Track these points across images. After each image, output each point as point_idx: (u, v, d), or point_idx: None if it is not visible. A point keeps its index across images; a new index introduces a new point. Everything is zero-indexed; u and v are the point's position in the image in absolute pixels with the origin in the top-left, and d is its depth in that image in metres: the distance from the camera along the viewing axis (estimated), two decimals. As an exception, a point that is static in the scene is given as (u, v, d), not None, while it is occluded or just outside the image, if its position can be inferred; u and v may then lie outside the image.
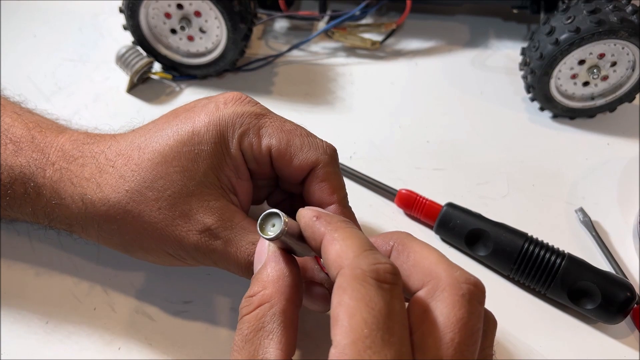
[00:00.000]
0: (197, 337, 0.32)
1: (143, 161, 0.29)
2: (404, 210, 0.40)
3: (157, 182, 0.29)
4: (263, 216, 0.25)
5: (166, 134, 0.30)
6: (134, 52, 0.47)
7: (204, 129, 0.29)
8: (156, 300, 0.34)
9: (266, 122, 0.30)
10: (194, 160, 0.29)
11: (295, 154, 0.30)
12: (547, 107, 0.47)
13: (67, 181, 0.30)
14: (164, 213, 0.29)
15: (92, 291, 0.34)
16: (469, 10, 0.58)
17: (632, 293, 0.33)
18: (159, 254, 0.30)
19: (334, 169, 0.30)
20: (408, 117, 0.47)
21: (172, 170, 0.29)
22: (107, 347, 0.32)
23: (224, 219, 0.29)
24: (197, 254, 0.29)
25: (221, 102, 0.31)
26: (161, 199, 0.29)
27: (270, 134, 0.30)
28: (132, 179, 0.29)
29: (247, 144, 0.30)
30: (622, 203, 0.41)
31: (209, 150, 0.29)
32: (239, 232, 0.29)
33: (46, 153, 0.31)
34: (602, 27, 0.40)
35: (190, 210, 0.29)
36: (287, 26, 0.56)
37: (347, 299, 0.20)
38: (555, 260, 0.34)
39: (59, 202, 0.30)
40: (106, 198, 0.29)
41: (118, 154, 0.30)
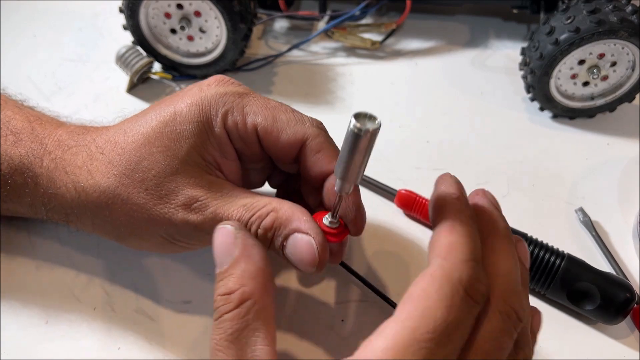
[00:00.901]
0: (197, 337, 0.32)
1: (128, 144, 0.30)
2: (404, 211, 0.40)
3: (142, 163, 0.29)
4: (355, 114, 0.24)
5: (150, 117, 0.30)
6: (134, 52, 0.47)
7: (186, 109, 0.30)
8: (156, 300, 0.34)
9: (250, 101, 0.30)
10: (176, 139, 0.29)
11: (282, 130, 0.29)
12: (547, 107, 0.47)
13: (62, 170, 0.31)
14: (151, 193, 0.29)
15: (92, 291, 0.34)
16: (469, 10, 0.58)
17: (632, 293, 0.33)
18: (151, 237, 0.30)
19: (327, 137, 0.30)
20: (408, 117, 0.47)
21: (155, 150, 0.29)
22: (107, 347, 0.32)
23: (212, 189, 0.29)
24: (188, 229, 0.29)
25: (204, 85, 0.31)
26: (147, 179, 0.29)
27: (255, 111, 0.30)
28: (119, 163, 0.29)
29: (232, 122, 0.30)
30: (622, 203, 0.41)
31: (192, 130, 0.29)
32: (229, 198, 0.29)
33: (44, 143, 0.32)
34: (602, 27, 0.40)
35: (176, 187, 0.29)
36: (287, 26, 0.56)
37: (433, 291, 0.21)
38: (554, 260, 0.34)
39: (55, 192, 0.31)
40: (97, 184, 0.29)
41: (107, 140, 0.31)
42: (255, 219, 0.28)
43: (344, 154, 0.25)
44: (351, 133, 0.24)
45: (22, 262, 0.35)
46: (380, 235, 0.38)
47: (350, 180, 0.26)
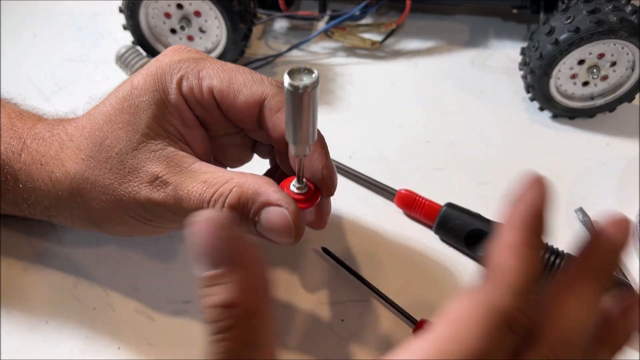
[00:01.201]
0: (197, 337, 0.32)
1: (92, 126, 0.29)
2: (404, 211, 0.40)
3: (105, 142, 0.29)
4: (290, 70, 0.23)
5: (111, 96, 0.30)
6: (134, 52, 0.47)
7: (142, 80, 0.29)
8: (156, 300, 0.34)
9: (206, 65, 0.29)
10: (134, 113, 0.28)
11: (239, 91, 0.28)
12: (546, 107, 0.47)
13: (37, 163, 0.30)
14: (115, 172, 0.28)
15: (91, 291, 0.34)
16: (469, 10, 0.58)
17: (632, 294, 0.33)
18: (123, 219, 0.29)
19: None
20: (408, 117, 0.47)
21: (116, 127, 0.29)
22: (107, 347, 0.32)
23: (172, 164, 0.28)
24: (153, 207, 0.28)
25: (161, 55, 0.31)
26: (110, 158, 0.28)
27: (210, 75, 0.29)
28: (85, 147, 0.29)
29: (187, 88, 0.29)
30: (622, 203, 0.41)
31: (149, 100, 0.29)
32: (189, 174, 0.28)
33: (22, 138, 0.31)
34: (602, 27, 0.40)
35: (138, 164, 0.28)
36: (286, 26, 0.56)
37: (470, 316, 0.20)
38: (554, 260, 0.34)
39: (33, 185, 0.31)
40: (67, 172, 0.29)
41: (75, 127, 0.30)
42: (218, 196, 0.26)
43: (288, 116, 0.24)
44: (288, 93, 0.23)
45: (21, 262, 0.35)
46: (380, 235, 0.38)
47: (303, 141, 0.24)
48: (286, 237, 0.26)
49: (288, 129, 0.24)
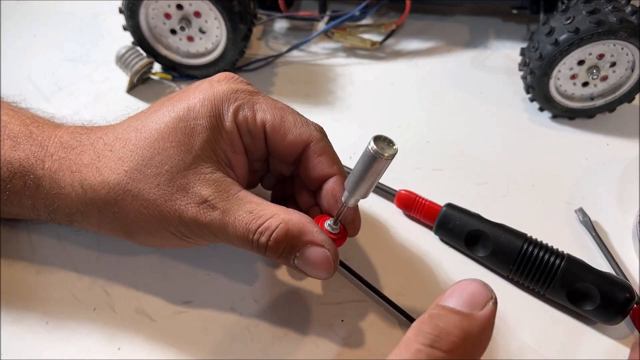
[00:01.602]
0: (197, 337, 0.33)
1: (140, 140, 0.30)
2: (404, 211, 0.40)
3: (155, 158, 0.29)
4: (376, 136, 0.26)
5: (162, 113, 0.31)
6: (134, 53, 0.47)
7: (199, 104, 0.30)
8: (156, 300, 0.34)
9: (259, 99, 0.31)
10: (190, 134, 0.30)
11: (289, 130, 0.31)
12: (546, 108, 0.47)
13: (66, 170, 0.31)
14: (163, 189, 0.29)
15: (92, 291, 0.34)
16: (469, 10, 0.58)
17: (631, 294, 0.33)
18: (160, 233, 0.30)
19: (328, 143, 0.32)
20: (408, 117, 0.47)
21: (169, 146, 0.29)
22: (107, 347, 0.32)
23: (220, 190, 0.29)
24: (196, 227, 0.29)
25: (215, 80, 0.32)
26: (159, 174, 0.29)
27: (264, 109, 0.31)
28: (131, 159, 0.30)
29: (242, 117, 0.31)
30: (622, 203, 0.41)
31: (205, 124, 0.30)
32: (236, 202, 0.29)
33: (44, 145, 0.32)
34: (602, 27, 0.40)
35: (187, 184, 0.29)
36: (287, 26, 0.56)
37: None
38: (554, 260, 0.34)
39: (59, 192, 0.31)
40: (106, 181, 0.30)
41: (116, 138, 0.31)
42: (265, 229, 0.28)
43: (359, 172, 0.27)
44: (369, 154, 0.26)
45: (22, 263, 0.35)
46: (380, 235, 0.38)
47: (358, 195, 0.28)
48: (324, 274, 0.29)
49: (351, 181, 0.28)
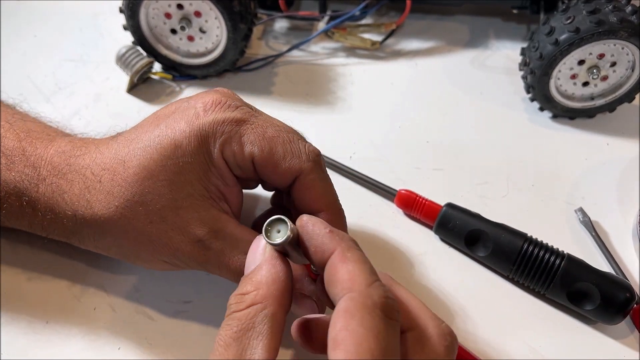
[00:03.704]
0: (197, 337, 0.33)
1: (129, 176, 0.29)
2: (404, 211, 0.40)
3: (146, 196, 0.29)
4: (269, 222, 0.25)
5: (149, 145, 0.29)
6: (134, 52, 0.47)
7: (185, 140, 0.29)
8: (156, 300, 0.34)
9: (247, 129, 0.30)
10: (179, 172, 0.29)
11: (277, 163, 0.30)
12: (546, 107, 0.47)
13: (59, 197, 0.30)
14: (156, 226, 0.29)
15: (92, 291, 0.34)
16: (469, 10, 0.58)
17: (632, 293, 0.33)
18: (154, 262, 0.31)
19: (319, 175, 0.30)
20: (408, 117, 0.47)
21: (160, 184, 0.29)
22: (107, 347, 0.32)
23: (215, 229, 0.29)
24: (190, 262, 0.30)
25: (200, 109, 0.30)
26: (152, 212, 0.29)
27: (252, 141, 0.30)
28: (120, 195, 0.29)
29: (229, 152, 0.30)
30: (622, 203, 0.41)
31: (193, 162, 0.29)
32: (231, 242, 0.29)
33: (37, 168, 0.31)
34: (602, 27, 0.40)
35: (181, 222, 0.29)
36: (287, 26, 0.56)
37: (355, 325, 0.21)
38: (554, 260, 0.34)
39: (54, 218, 0.31)
40: (96, 215, 0.29)
41: (103, 168, 0.30)
42: None
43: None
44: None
45: (21, 263, 0.35)
46: (380, 235, 0.38)
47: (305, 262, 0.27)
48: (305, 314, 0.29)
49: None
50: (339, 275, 0.23)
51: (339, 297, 0.22)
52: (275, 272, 0.25)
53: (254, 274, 0.25)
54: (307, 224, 0.25)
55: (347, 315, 0.21)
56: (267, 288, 0.24)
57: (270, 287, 0.24)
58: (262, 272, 0.25)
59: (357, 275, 0.23)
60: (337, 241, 0.24)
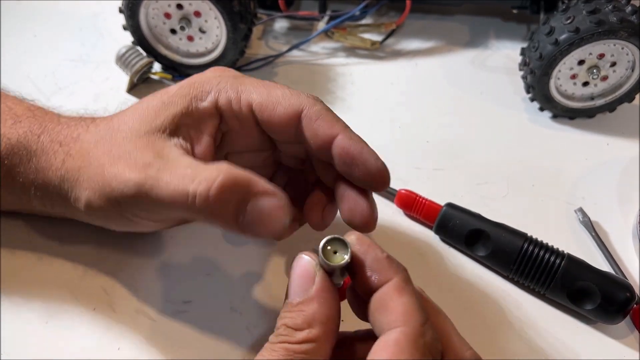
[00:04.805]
0: (197, 337, 0.32)
1: (117, 116, 0.31)
2: (404, 211, 0.40)
3: (119, 127, 0.30)
4: (327, 240, 0.25)
5: (145, 98, 0.31)
6: (134, 52, 0.47)
7: (176, 87, 0.31)
8: (156, 300, 0.34)
9: (244, 81, 0.30)
10: (157, 110, 0.29)
11: (278, 103, 0.29)
12: (546, 107, 0.47)
13: (56, 142, 0.31)
14: (112, 154, 0.29)
15: (92, 291, 0.34)
16: (469, 10, 0.58)
17: (632, 293, 0.33)
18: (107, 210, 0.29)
19: (324, 105, 0.30)
20: (408, 117, 0.47)
21: (134, 118, 0.30)
22: (107, 347, 0.32)
23: (162, 152, 0.28)
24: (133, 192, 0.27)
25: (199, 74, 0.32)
26: (115, 140, 0.29)
27: (249, 90, 0.30)
28: (103, 130, 0.31)
29: (225, 100, 0.30)
30: (622, 203, 0.41)
31: (175, 101, 0.30)
32: (176, 161, 0.27)
33: (44, 123, 0.33)
34: (602, 27, 0.40)
35: (134, 148, 0.28)
36: (287, 26, 0.56)
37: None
38: (554, 260, 0.34)
39: (45, 165, 0.31)
40: (80, 148, 0.30)
41: (105, 117, 0.32)
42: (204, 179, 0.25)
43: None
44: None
45: (21, 263, 0.35)
46: (380, 235, 0.38)
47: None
48: (277, 228, 0.26)
49: None
50: (394, 306, 0.23)
51: (389, 327, 0.22)
52: (329, 308, 0.24)
53: (305, 306, 0.24)
54: (360, 245, 0.25)
55: (398, 348, 0.21)
56: (320, 327, 0.24)
57: (325, 327, 0.24)
58: (314, 306, 0.24)
59: (413, 310, 0.22)
60: (395, 270, 0.24)
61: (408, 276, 0.24)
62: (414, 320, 0.22)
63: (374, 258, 0.24)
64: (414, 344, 0.22)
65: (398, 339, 0.22)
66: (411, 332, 0.22)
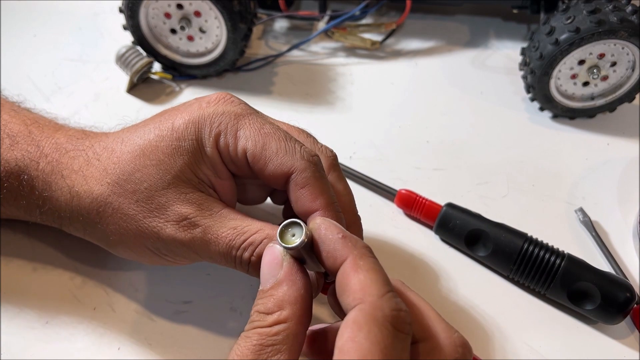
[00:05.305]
0: (197, 337, 0.32)
1: (123, 154, 0.30)
2: (404, 211, 0.40)
3: (135, 174, 0.29)
4: (284, 225, 0.25)
5: (148, 129, 0.30)
6: (134, 52, 0.47)
7: (183, 126, 0.29)
8: (156, 300, 0.34)
9: (245, 124, 0.29)
10: (171, 155, 0.29)
11: (270, 159, 0.28)
12: (547, 107, 0.47)
13: (58, 174, 0.31)
14: (141, 205, 0.29)
15: (92, 291, 0.34)
16: (469, 10, 0.58)
17: (632, 293, 0.33)
18: (138, 249, 0.30)
19: (314, 174, 0.28)
20: (408, 117, 0.47)
21: (149, 163, 0.29)
22: (107, 347, 0.32)
23: (202, 208, 0.29)
24: (175, 246, 0.29)
25: (205, 102, 0.31)
26: (138, 191, 0.29)
27: (247, 136, 0.29)
28: (113, 172, 0.30)
29: (223, 144, 0.29)
30: (622, 203, 0.41)
31: (187, 147, 0.29)
32: (219, 219, 0.28)
33: (41, 146, 0.32)
34: (602, 27, 0.40)
35: (166, 202, 0.29)
36: (287, 26, 0.56)
37: (362, 338, 0.21)
38: (554, 260, 0.34)
39: (50, 195, 0.31)
40: (90, 190, 0.30)
41: (104, 147, 0.31)
42: (248, 245, 0.27)
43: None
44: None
45: (21, 263, 0.35)
46: (380, 235, 0.38)
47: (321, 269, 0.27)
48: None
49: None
50: (351, 285, 0.22)
51: (350, 307, 0.22)
52: (297, 290, 0.24)
53: (275, 290, 0.25)
54: (319, 228, 0.25)
55: (355, 326, 0.21)
56: (290, 308, 0.24)
57: (294, 307, 0.24)
58: (283, 289, 0.24)
59: (368, 285, 0.22)
60: (350, 248, 0.24)
61: (366, 252, 0.24)
62: (369, 295, 0.22)
63: (329, 239, 0.24)
64: (372, 318, 0.21)
65: (355, 317, 0.21)
66: (367, 307, 0.21)
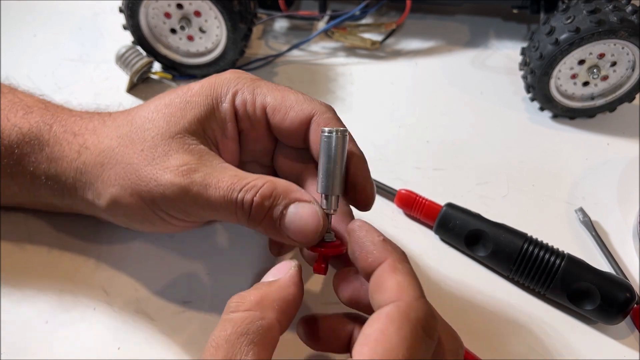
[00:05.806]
0: (197, 337, 0.32)
1: (139, 111, 0.31)
2: (404, 211, 0.40)
3: (145, 125, 0.30)
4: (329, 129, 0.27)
5: (164, 94, 0.32)
6: (134, 52, 0.47)
7: (197, 85, 0.31)
8: (156, 300, 0.34)
9: (261, 84, 0.31)
10: (182, 108, 0.30)
11: (290, 107, 0.30)
12: (547, 107, 0.47)
13: (70, 133, 0.32)
14: (145, 154, 0.29)
15: (92, 291, 0.34)
16: (469, 10, 0.58)
17: (632, 293, 0.33)
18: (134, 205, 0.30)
19: (335, 115, 0.30)
20: (408, 117, 0.47)
21: (160, 117, 0.30)
22: (107, 347, 0.32)
23: (203, 159, 0.29)
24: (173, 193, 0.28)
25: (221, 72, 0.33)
26: (145, 140, 0.30)
27: (264, 92, 0.31)
28: (125, 126, 0.31)
29: (241, 101, 0.31)
30: (622, 203, 0.41)
31: (200, 102, 0.30)
32: (220, 168, 0.28)
33: (56, 113, 0.33)
34: (602, 27, 0.40)
35: (169, 151, 0.29)
36: (287, 26, 0.56)
37: (392, 331, 0.21)
38: (554, 260, 0.34)
39: (59, 155, 0.31)
40: (100, 143, 0.31)
41: (122, 112, 0.33)
42: (250, 187, 0.27)
43: (322, 166, 0.27)
44: (325, 139, 0.27)
45: (22, 263, 0.35)
46: (380, 235, 0.38)
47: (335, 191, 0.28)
48: (312, 234, 0.27)
49: (322, 180, 0.27)
50: (387, 284, 0.23)
51: (383, 303, 0.23)
52: (287, 294, 0.25)
53: (267, 285, 0.26)
54: (360, 230, 0.26)
55: (388, 319, 0.22)
56: (271, 302, 0.25)
57: (274, 303, 0.25)
58: (274, 286, 0.25)
59: (405, 287, 0.23)
60: (390, 251, 0.25)
61: (404, 257, 0.25)
62: (406, 295, 0.23)
63: (370, 241, 0.25)
64: (405, 316, 0.22)
65: (390, 311, 0.22)
66: (403, 305, 0.22)
